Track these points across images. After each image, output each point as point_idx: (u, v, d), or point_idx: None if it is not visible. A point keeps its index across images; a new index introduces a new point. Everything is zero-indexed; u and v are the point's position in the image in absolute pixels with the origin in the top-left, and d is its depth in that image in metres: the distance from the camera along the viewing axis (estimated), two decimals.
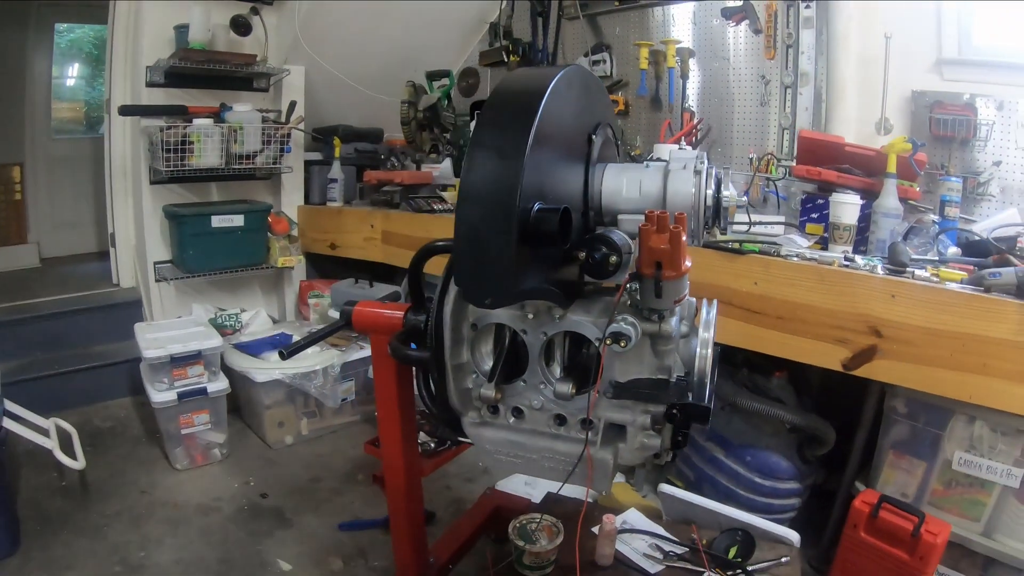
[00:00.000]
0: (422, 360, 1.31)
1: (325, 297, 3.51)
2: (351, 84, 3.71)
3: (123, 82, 3.48)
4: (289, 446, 3.04)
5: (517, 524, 1.76)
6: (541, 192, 1.04)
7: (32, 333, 3.32)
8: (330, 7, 3.36)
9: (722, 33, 2.95)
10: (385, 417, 1.63)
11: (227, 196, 3.62)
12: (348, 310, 1.57)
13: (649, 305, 1.11)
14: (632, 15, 3.25)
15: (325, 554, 2.27)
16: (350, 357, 3.11)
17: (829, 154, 2.32)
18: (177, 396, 2.70)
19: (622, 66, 3.33)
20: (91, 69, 5.54)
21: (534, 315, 1.20)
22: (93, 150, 5.13)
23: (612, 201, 1.27)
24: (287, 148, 3.49)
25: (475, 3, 3.83)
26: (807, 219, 2.33)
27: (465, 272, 1.02)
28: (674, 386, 1.16)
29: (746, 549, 1.84)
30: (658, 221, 1.04)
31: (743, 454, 2.31)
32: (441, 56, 3.87)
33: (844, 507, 2.12)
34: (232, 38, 3.34)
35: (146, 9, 3.24)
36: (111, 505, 2.49)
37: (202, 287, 3.62)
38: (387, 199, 3.37)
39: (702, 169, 1.21)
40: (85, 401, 3.26)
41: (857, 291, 1.86)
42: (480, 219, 0.99)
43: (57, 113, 5.33)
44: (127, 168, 3.57)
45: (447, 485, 2.71)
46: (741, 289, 2.05)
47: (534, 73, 1.15)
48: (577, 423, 1.25)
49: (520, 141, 0.98)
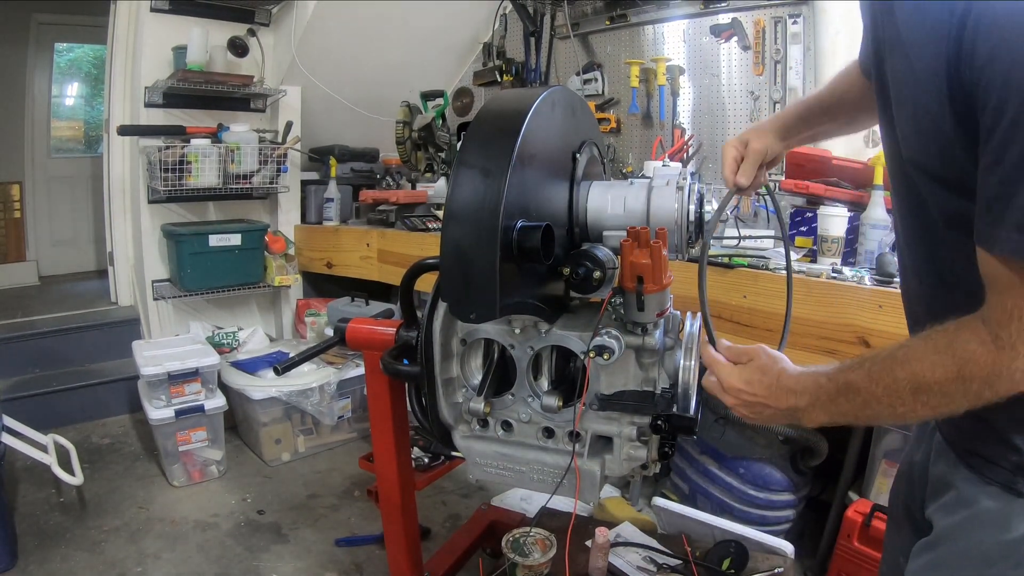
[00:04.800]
0: (413, 375, 1.33)
1: (322, 315, 3.53)
2: (347, 104, 3.75)
3: (122, 102, 3.52)
4: (286, 463, 3.05)
5: (510, 538, 1.77)
6: (525, 210, 1.07)
7: (31, 350, 3.34)
8: (326, 29, 3.41)
9: (712, 50, 2.99)
10: (379, 432, 1.65)
11: (225, 215, 3.66)
12: (342, 327, 1.59)
13: (632, 319, 1.13)
14: (623, 34, 3.29)
15: (322, 570, 2.27)
16: (346, 375, 3.13)
17: (817, 168, 2.35)
18: (174, 413, 2.72)
19: (613, 84, 3.37)
20: (90, 89, 5.60)
21: (521, 330, 1.22)
22: (92, 169, 5.19)
23: (597, 218, 1.29)
24: (284, 168, 3.52)
25: (469, 24, 3.88)
26: (796, 232, 2.36)
27: (451, 288, 1.05)
28: (659, 398, 1.18)
29: (740, 561, 1.85)
30: (639, 237, 1.07)
31: (737, 466, 2.32)
32: (436, 76, 3.91)
33: (838, 517, 2.14)
34: (230, 59, 3.38)
35: (145, 30, 3.29)
36: (109, 521, 2.50)
37: (200, 305, 3.64)
38: (383, 218, 3.40)
39: (684, 185, 1.24)
40: (83, 418, 3.28)
41: (845, 302, 1.88)
42: (465, 236, 1.01)
43: (56, 132, 5.39)
44: (126, 187, 3.61)
45: (442, 500, 2.72)
46: (730, 302, 2.08)
47: (518, 94, 1.18)
48: (565, 435, 1.27)
49: (503, 160, 1.00)
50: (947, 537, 0.93)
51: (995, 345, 0.73)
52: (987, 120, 0.68)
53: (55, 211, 5.30)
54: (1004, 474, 0.86)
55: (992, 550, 0.86)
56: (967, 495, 0.91)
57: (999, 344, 0.73)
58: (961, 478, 0.92)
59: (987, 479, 0.88)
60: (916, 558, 0.98)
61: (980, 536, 0.88)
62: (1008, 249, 0.69)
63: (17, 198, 5.10)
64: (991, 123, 0.68)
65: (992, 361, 0.73)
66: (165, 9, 3.27)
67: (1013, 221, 0.68)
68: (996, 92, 0.66)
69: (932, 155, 0.79)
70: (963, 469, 0.92)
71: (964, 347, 0.75)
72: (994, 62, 0.66)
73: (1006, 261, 0.70)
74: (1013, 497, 0.85)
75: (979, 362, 0.74)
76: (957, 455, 0.93)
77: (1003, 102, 0.66)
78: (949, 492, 0.95)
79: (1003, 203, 0.68)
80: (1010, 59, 0.64)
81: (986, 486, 0.88)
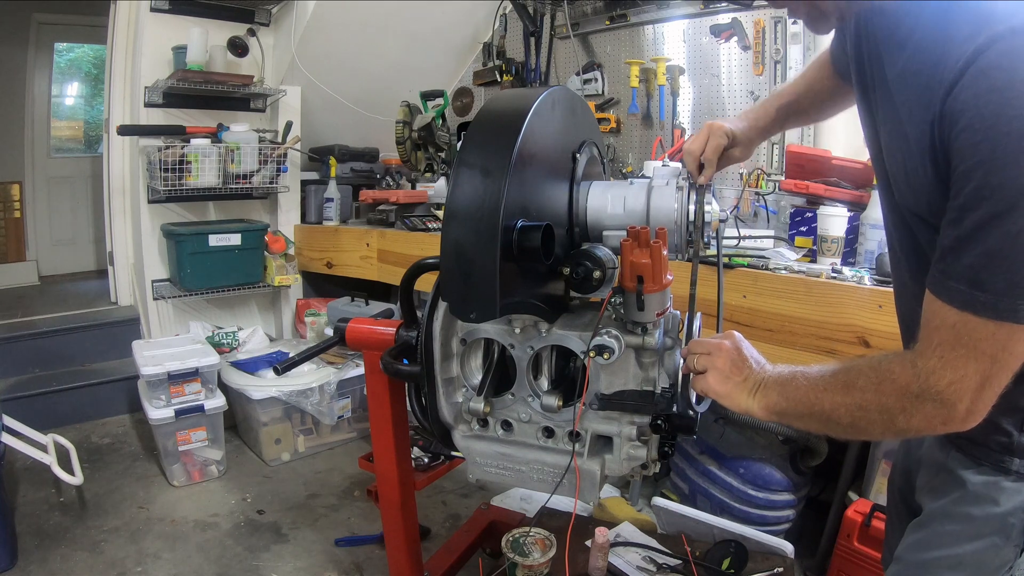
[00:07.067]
0: (413, 375, 1.33)
1: (322, 315, 3.53)
2: (347, 104, 3.75)
3: (122, 102, 3.53)
4: (286, 463, 3.05)
5: (510, 538, 1.77)
6: (525, 209, 1.07)
7: (31, 350, 3.34)
8: (326, 29, 3.42)
9: (712, 50, 2.99)
10: (379, 431, 1.65)
11: (224, 215, 3.66)
12: (342, 327, 1.60)
13: (632, 318, 1.13)
14: (623, 34, 3.29)
15: (322, 570, 2.27)
16: (346, 375, 3.13)
17: (817, 168, 2.35)
18: (174, 413, 2.72)
19: (613, 84, 3.37)
20: (90, 88, 5.61)
21: (521, 329, 1.22)
22: (92, 169, 5.19)
23: (597, 218, 1.29)
24: (284, 168, 3.52)
25: (469, 24, 3.88)
26: (796, 232, 2.36)
27: (451, 288, 1.05)
28: (659, 397, 1.18)
29: (740, 561, 1.85)
30: (639, 236, 1.07)
31: (736, 466, 2.32)
32: (436, 76, 3.91)
33: (838, 517, 2.14)
34: (230, 59, 3.38)
35: (145, 30, 3.29)
36: (109, 521, 2.50)
37: (199, 305, 3.64)
38: (383, 218, 3.41)
39: (684, 185, 1.24)
40: (83, 418, 3.28)
41: (845, 302, 1.88)
42: (465, 236, 1.01)
43: (56, 132, 5.40)
44: (125, 187, 3.61)
45: (443, 500, 2.72)
46: (730, 302, 2.07)
47: (518, 94, 1.18)
48: (565, 435, 1.27)
49: (503, 160, 1.00)
50: (938, 514, 0.99)
51: (912, 370, 0.81)
52: (956, 179, 0.76)
53: (55, 211, 5.30)
54: (993, 455, 0.94)
55: (982, 524, 0.93)
56: (958, 475, 0.97)
57: (915, 370, 0.81)
58: (952, 460, 0.99)
59: (977, 460, 0.95)
60: (909, 535, 1.03)
61: (970, 511, 0.95)
62: (955, 299, 0.77)
63: (17, 198, 5.11)
64: (959, 185, 0.75)
65: (905, 384, 0.82)
66: (165, 9, 3.27)
67: (962, 276, 0.76)
68: (966, 160, 0.74)
69: (920, 202, 0.87)
70: (954, 451, 0.99)
71: (888, 366, 0.84)
72: (969, 132, 0.73)
73: (946, 307, 0.78)
74: (1001, 476, 0.93)
75: (895, 381, 0.83)
76: (948, 439, 1.00)
77: (970, 171, 0.73)
78: (940, 474, 1.01)
79: (955, 257, 0.77)
80: (983, 133, 0.72)
81: (977, 466, 0.95)
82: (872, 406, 0.85)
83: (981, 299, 0.75)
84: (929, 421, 0.82)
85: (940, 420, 0.81)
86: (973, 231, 0.74)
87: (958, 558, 0.95)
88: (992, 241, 0.73)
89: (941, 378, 0.79)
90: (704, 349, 1.04)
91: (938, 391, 0.79)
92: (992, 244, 0.73)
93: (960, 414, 0.80)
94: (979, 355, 0.77)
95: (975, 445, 0.95)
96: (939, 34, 0.79)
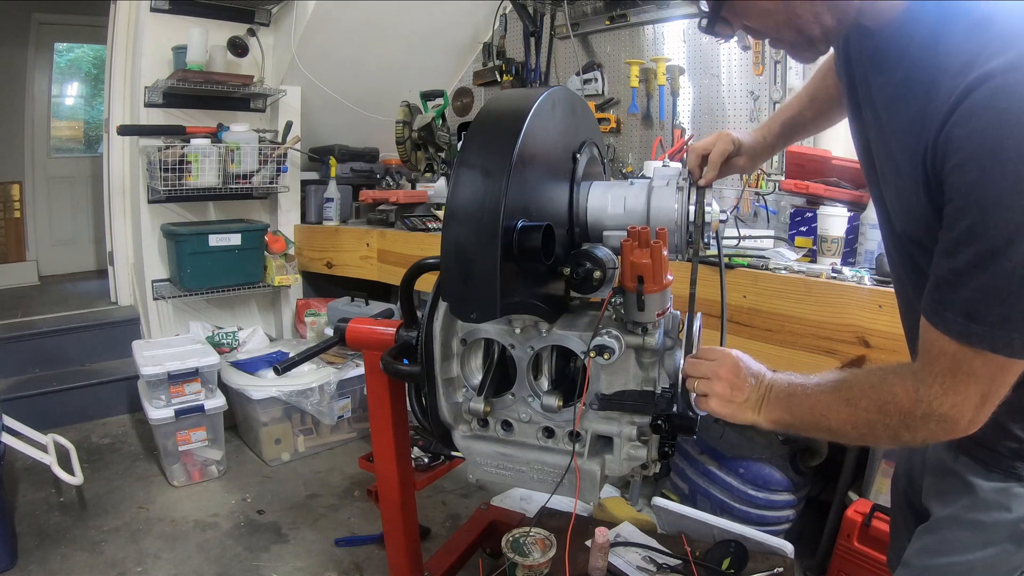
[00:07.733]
0: (413, 375, 1.33)
1: (322, 315, 3.53)
2: (347, 104, 3.75)
3: (122, 102, 3.53)
4: (286, 463, 3.05)
5: (510, 538, 1.77)
6: (526, 209, 1.07)
7: (31, 350, 3.34)
8: (326, 29, 3.41)
9: (712, 50, 2.99)
10: (379, 431, 1.65)
11: (224, 215, 3.66)
12: (342, 327, 1.60)
13: (633, 318, 1.13)
14: (623, 33, 3.29)
15: (322, 569, 2.27)
16: (346, 375, 3.13)
17: (817, 168, 2.35)
18: (174, 413, 2.72)
19: (613, 84, 3.37)
20: (90, 88, 5.61)
21: (521, 330, 1.22)
22: (92, 169, 5.19)
23: (597, 218, 1.29)
24: (284, 168, 3.52)
25: (469, 24, 3.88)
26: (796, 232, 2.36)
27: (452, 288, 1.05)
28: (659, 398, 1.18)
29: (739, 561, 1.85)
30: (639, 236, 1.07)
31: (736, 466, 2.32)
32: (436, 76, 3.91)
33: (838, 517, 2.14)
34: (230, 59, 3.38)
35: (145, 30, 3.29)
36: (109, 521, 2.50)
37: (199, 305, 3.64)
38: (383, 218, 3.41)
39: (684, 185, 1.25)
40: (83, 418, 3.28)
41: (845, 302, 1.88)
42: (465, 236, 1.01)
43: (56, 132, 5.39)
44: (125, 187, 3.61)
45: (443, 500, 2.72)
46: (730, 302, 2.07)
47: (518, 94, 1.18)
48: (565, 435, 1.27)
49: (504, 160, 1.00)
50: (948, 520, 0.99)
51: (915, 396, 0.84)
52: (949, 213, 0.78)
53: (55, 211, 5.30)
54: (1004, 461, 0.93)
55: (994, 531, 0.93)
56: (967, 481, 0.97)
57: (918, 397, 0.83)
58: (961, 465, 0.98)
59: (987, 466, 0.95)
60: (917, 540, 1.03)
61: (981, 518, 0.94)
62: (952, 331, 0.79)
63: (17, 198, 5.11)
64: (952, 219, 0.77)
65: (908, 408, 0.84)
66: (165, 9, 3.27)
67: (959, 309, 0.78)
68: (960, 196, 0.75)
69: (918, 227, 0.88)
70: (963, 457, 0.98)
71: (890, 388, 0.86)
72: (961, 172, 0.74)
73: (944, 337, 0.80)
74: (1013, 482, 0.93)
75: (898, 404, 0.85)
76: (956, 444, 0.98)
77: (964, 208, 0.75)
78: (948, 479, 1.01)
79: (951, 289, 0.79)
80: (977, 172, 0.73)
81: (987, 472, 0.95)
82: (877, 424, 0.87)
83: (977, 331, 0.77)
84: (934, 435, 0.85)
85: (944, 432, 0.84)
86: (968, 267, 0.76)
87: (969, 564, 0.95)
88: (987, 277, 0.75)
89: (944, 403, 0.82)
90: (701, 373, 1.05)
91: (942, 413, 0.82)
92: (987, 280, 0.75)
93: (963, 427, 0.83)
94: (978, 379, 0.80)
95: (984, 450, 0.95)
96: (929, 61, 0.80)
